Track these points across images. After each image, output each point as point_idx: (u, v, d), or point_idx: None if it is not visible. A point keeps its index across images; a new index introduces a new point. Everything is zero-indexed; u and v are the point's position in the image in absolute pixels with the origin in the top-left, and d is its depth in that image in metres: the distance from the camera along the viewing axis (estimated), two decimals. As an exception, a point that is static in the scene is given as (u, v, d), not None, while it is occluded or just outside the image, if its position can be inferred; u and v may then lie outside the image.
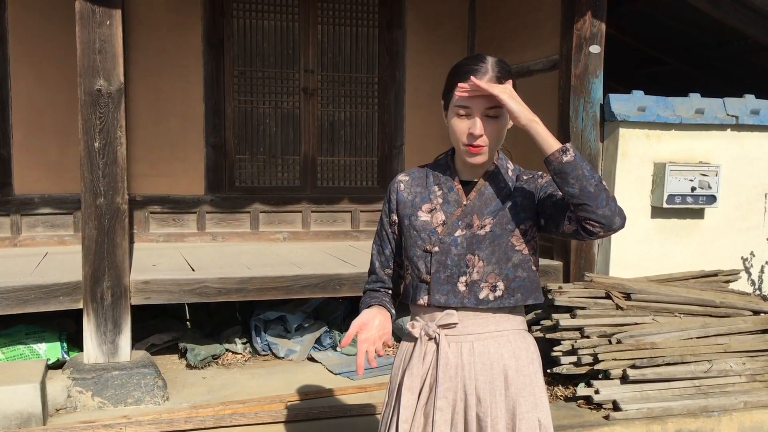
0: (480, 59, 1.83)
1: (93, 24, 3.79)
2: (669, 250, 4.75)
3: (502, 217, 1.87)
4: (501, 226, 1.86)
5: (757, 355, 4.18)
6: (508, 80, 1.82)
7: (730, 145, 4.84)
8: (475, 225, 1.86)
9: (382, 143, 6.19)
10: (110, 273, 3.96)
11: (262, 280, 4.34)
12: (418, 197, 1.95)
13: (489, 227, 1.86)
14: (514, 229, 1.86)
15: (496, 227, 1.86)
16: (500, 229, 1.86)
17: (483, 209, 1.87)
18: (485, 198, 1.89)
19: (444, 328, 1.88)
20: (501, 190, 1.90)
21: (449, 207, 1.90)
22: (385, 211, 2.04)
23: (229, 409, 3.86)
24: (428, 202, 1.93)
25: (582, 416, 3.74)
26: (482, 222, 1.86)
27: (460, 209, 1.88)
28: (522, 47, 5.36)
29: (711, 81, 7.23)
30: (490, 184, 1.90)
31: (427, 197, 1.93)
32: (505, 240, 1.86)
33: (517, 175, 1.97)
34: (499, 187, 1.90)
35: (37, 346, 4.24)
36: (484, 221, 1.86)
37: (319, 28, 5.96)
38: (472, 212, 1.87)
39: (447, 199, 1.91)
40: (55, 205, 5.35)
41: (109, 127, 3.87)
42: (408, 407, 1.90)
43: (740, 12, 5.50)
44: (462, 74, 1.82)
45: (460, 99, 1.81)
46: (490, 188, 1.90)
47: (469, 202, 1.89)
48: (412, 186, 1.98)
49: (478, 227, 1.86)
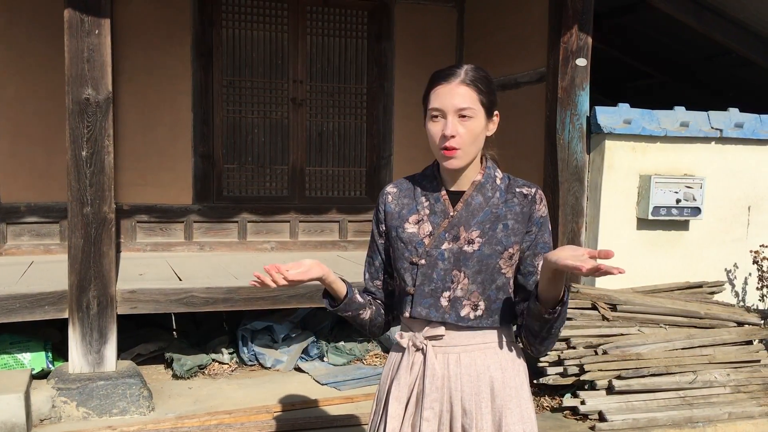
0: (456, 66, 1.86)
1: (81, 33, 3.79)
2: (654, 262, 4.79)
3: (491, 237, 1.85)
4: (491, 247, 1.85)
5: (741, 366, 4.22)
6: (483, 87, 1.83)
7: (714, 157, 4.89)
8: (462, 238, 1.86)
9: (371, 154, 6.20)
10: (96, 282, 3.94)
11: (250, 290, 4.33)
12: (405, 209, 1.95)
13: (477, 245, 1.84)
14: (503, 252, 1.86)
15: (485, 247, 1.85)
16: (489, 249, 1.85)
17: (470, 220, 1.87)
18: (472, 209, 1.88)
19: (431, 340, 1.89)
20: (488, 200, 1.89)
21: (436, 218, 1.90)
22: (375, 222, 2.04)
23: (215, 419, 3.84)
24: (415, 213, 1.93)
25: (568, 427, 3.75)
26: (469, 234, 1.85)
27: (447, 220, 1.88)
28: (510, 60, 5.41)
29: (696, 94, 7.31)
30: (478, 194, 1.89)
31: (415, 208, 1.93)
32: (493, 261, 1.85)
33: (507, 184, 1.93)
34: (486, 197, 1.89)
35: (22, 356, 4.20)
36: (471, 234, 1.85)
37: (308, 38, 5.98)
38: (459, 224, 1.87)
39: (434, 209, 1.90)
40: (42, 214, 5.32)
41: (96, 136, 3.86)
42: (395, 417, 1.90)
43: (724, 27, 5.58)
44: (435, 80, 1.85)
45: (432, 102, 1.84)
46: (478, 198, 1.89)
47: (456, 213, 1.88)
48: (399, 197, 1.98)
49: (465, 240, 1.85)
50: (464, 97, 1.80)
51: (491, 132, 1.89)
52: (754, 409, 3.93)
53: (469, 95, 1.80)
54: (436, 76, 1.86)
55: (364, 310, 2.00)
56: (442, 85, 1.82)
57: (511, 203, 1.90)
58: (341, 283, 1.94)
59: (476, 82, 1.82)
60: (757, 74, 6.25)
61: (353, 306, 1.96)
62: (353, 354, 4.98)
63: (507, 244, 1.86)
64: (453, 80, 1.81)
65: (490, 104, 1.85)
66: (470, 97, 1.80)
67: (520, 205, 1.89)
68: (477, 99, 1.81)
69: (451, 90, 1.81)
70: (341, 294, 1.94)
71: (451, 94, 1.80)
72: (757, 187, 5.03)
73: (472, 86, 1.81)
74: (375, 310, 2.03)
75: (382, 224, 2.00)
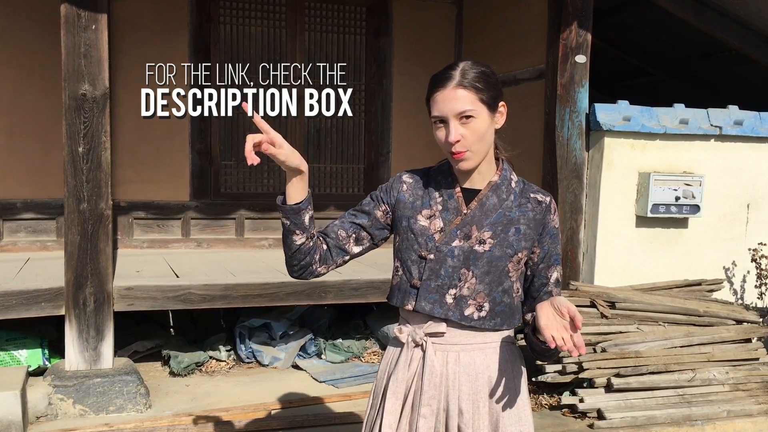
0: (451, 67, 1.82)
1: (78, 28, 3.76)
2: (653, 259, 4.77)
3: (503, 239, 1.84)
4: (501, 249, 1.84)
5: (739, 365, 4.21)
6: (481, 84, 1.79)
7: (713, 155, 4.88)
8: (473, 237, 1.84)
9: (369, 151, 6.19)
10: (93, 279, 3.92)
11: (247, 287, 4.32)
12: (418, 201, 1.93)
13: (489, 246, 1.83)
14: (513, 255, 1.85)
15: (496, 248, 1.83)
16: (500, 251, 1.84)
17: (483, 220, 1.85)
18: (486, 209, 1.86)
19: (432, 336, 1.87)
20: (502, 202, 1.88)
21: (448, 215, 1.88)
22: (380, 197, 1.97)
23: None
24: (428, 207, 1.91)
25: (567, 425, 3.74)
26: (481, 234, 1.84)
27: (459, 218, 1.86)
28: (509, 57, 5.39)
29: (695, 92, 7.30)
30: (493, 195, 1.88)
31: (428, 203, 1.91)
32: (502, 264, 1.84)
33: (521, 188, 1.92)
34: (501, 199, 1.88)
35: (18, 353, 4.19)
36: (483, 234, 1.84)
37: (307, 35, 5.96)
38: (471, 222, 1.85)
39: (446, 206, 1.89)
40: (38, 210, 5.30)
41: (93, 131, 3.84)
42: (392, 412, 1.89)
43: (724, 23, 5.56)
44: (433, 86, 1.83)
45: (433, 110, 1.82)
46: (492, 199, 1.87)
47: (469, 211, 1.86)
48: (414, 188, 1.95)
49: (476, 240, 1.84)
50: (462, 100, 1.77)
51: (500, 125, 1.87)
52: (753, 408, 3.92)
53: (467, 97, 1.77)
54: (434, 81, 1.84)
55: (302, 234, 1.84)
56: (440, 90, 1.80)
57: (524, 208, 1.89)
58: (306, 191, 1.83)
59: (473, 81, 1.78)
60: (757, 72, 6.24)
61: (298, 219, 1.82)
62: (351, 351, 4.96)
63: (517, 248, 1.86)
64: (449, 84, 1.78)
65: (492, 99, 1.82)
66: (468, 98, 1.78)
67: (533, 211, 1.90)
68: (476, 99, 1.78)
69: (448, 95, 1.78)
70: (297, 199, 1.82)
71: (449, 100, 1.78)
72: (756, 185, 5.02)
73: (470, 87, 1.78)
74: (311, 245, 1.87)
75: (388, 206, 1.95)
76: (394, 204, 1.96)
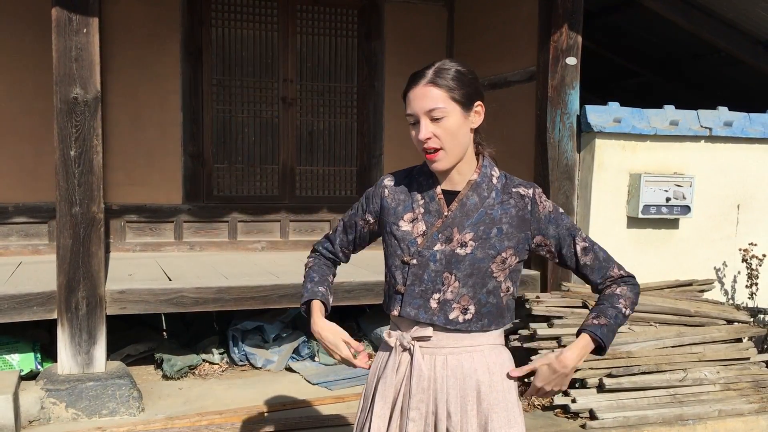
0: (428, 66, 1.83)
1: (69, 32, 3.76)
2: (644, 260, 4.80)
3: (485, 240, 1.83)
4: (483, 251, 1.83)
5: (730, 364, 4.24)
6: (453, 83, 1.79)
7: (703, 156, 4.91)
8: (454, 239, 1.84)
9: (361, 153, 6.20)
10: (85, 283, 3.92)
11: (240, 290, 4.32)
12: (401, 205, 1.93)
13: (470, 248, 1.83)
14: (496, 256, 1.84)
15: (477, 250, 1.83)
16: (482, 253, 1.83)
17: (464, 222, 1.84)
18: (467, 209, 1.85)
19: (419, 341, 1.88)
20: (484, 200, 1.86)
21: (430, 217, 1.87)
22: (363, 207, 2.02)
23: (205, 420, 3.82)
24: (411, 210, 1.91)
25: (559, 425, 3.75)
26: (462, 237, 1.83)
27: (441, 221, 1.86)
28: (500, 59, 5.41)
29: (686, 93, 7.34)
30: (473, 194, 1.87)
31: (410, 206, 1.91)
32: (485, 265, 1.84)
33: (503, 183, 1.90)
34: (482, 197, 1.87)
35: (10, 357, 4.17)
36: (465, 236, 1.83)
37: (298, 37, 5.97)
38: (452, 225, 1.85)
39: (428, 209, 1.88)
40: (30, 214, 5.29)
41: (85, 135, 3.84)
42: (381, 416, 1.89)
43: (713, 25, 5.60)
44: (408, 83, 1.85)
45: (407, 107, 1.84)
46: (473, 198, 1.86)
47: (450, 213, 1.86)
48: (396, 193, 1.96)
49: (457, 243, 1.83)
50: (432, 98, 1.78)
51: (476, 124, 1.85)
52: (744, 407, 3.95)
53: (437, 95, 1.78)
54: (409, 79, 1.85)
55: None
56: (413, 88, 1.82)
57: (506, 205, 1.87)
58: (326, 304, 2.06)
59: (444, 80, 1.78)
60: (746, 73, 6.29)
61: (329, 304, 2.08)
62: (344, 353, 4.96)
63: (500, 249, 1.84)
64: (421, 82, 1.80)
65: (465, 98, 1.80)
66: (438, 96, 1.78)
67: (516, 208, 1.88)
68: (447, 97, 1.78)
69: (419, 93, 1.80)
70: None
71: (420, 97, 1.79)
72: (746, 186, 5.06)
73: (440, 85, 1.78)
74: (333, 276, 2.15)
75: (371, 215, 2.00)
76: (378, 211, 1.98)
